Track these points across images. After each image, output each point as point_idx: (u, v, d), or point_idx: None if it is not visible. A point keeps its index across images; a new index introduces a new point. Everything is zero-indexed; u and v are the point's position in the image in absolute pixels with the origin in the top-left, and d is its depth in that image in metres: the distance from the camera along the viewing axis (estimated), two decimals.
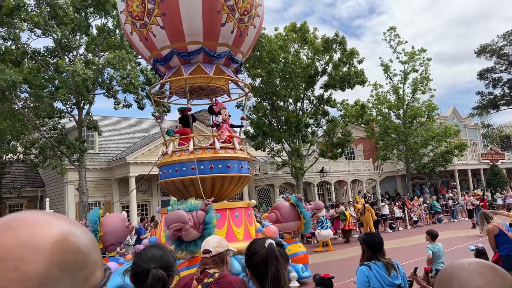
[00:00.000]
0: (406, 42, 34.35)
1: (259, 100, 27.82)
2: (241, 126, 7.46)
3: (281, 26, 30.62)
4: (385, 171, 39.65)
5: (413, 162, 35.00)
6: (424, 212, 27.46)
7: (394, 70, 34.97)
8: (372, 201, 29.76)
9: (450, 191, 32.91)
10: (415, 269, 9.13)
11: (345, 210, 24.00)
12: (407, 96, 34.83)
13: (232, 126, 7.03)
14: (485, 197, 21.27)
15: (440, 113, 38.56)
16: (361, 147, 41.08)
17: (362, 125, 33.95)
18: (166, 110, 23.45)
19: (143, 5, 6.08)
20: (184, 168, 6.27)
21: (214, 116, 6.82)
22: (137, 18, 6.24)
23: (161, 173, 6.69)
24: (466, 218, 28.46)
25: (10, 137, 22.84)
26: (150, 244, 3.50)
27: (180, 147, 6.53)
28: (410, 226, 26.04)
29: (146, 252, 2.53)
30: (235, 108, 29.01)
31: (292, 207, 6.46)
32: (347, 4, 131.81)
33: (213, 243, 3.54)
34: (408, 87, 34.82)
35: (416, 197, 29.06)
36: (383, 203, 27.00)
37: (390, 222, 25.83)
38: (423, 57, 33.93)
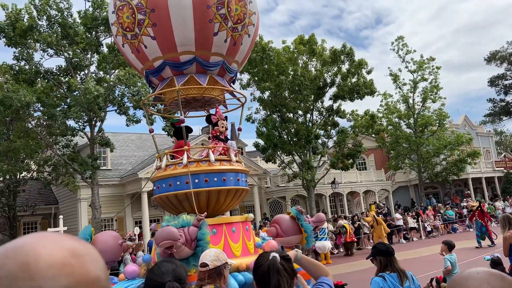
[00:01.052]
0: (415, 51, 33.84)
1: (268, 113, 27.57)
2: (238, 134, 7.09)
3: (288, 39, 30.59)
4: (397, 181, 38.91)
5: (425, 171, 34.27)
6: (439, 222, 26.79)
7: (403, 79, 34.47)
8: (385, 212, 29.13)
9: (465, 199, 32.08)
10: (431, 280, 8.71)
11: (359, 221, 23.49)
12: (417, 105, 34.23)
13: (227, 139, 6.71)
14: (484, 208, 20.23)
15: (452, 121, 37.87)
16: (373, 157, 40.44)
17: (373, 135, 33.44)
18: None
19: (133, 16, 5.86)
20: (178, 183, 5.96)
21: (211, 126, 6.56)
22: (128, 29, 6.02)
23: (155, 188, 6.39)
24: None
25: (24, 156, 22.89)
26: (164, 259, 3.32)
27: (173, 160, 6.25)
28: (424, 236, 25.38)
29: (159, 267, 2.54)
30: (245, 122, 28.73)
31: (292, 220, 6.08)
32: (354, 15, 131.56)
33: (211, 256, 3.40)
34: (418, 96, 34.24)
35: (430, 207, 28.39)
36: (397, 214, 26.38)
37: (404, 232, 25.20)
38: (432, 66, 33.39)
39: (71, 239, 0.89)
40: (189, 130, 6.77)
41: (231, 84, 6.87)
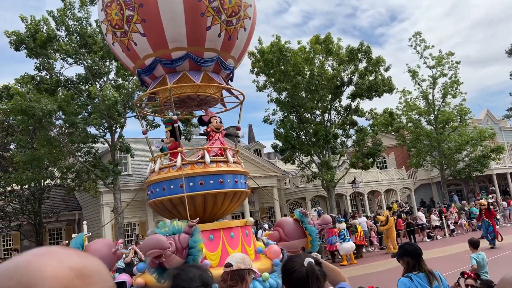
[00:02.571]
0: (433, 46, 32.72)
1: (286, 114, 27.05)
2: (236, 136, 6.64)
3: (302, 40, 29.44)
4: (419, 178, 37.73)
5: (448, 168, 33.10)
6: (464, 220, 25.77)
7: (422, 75, 33.38)
8: (408, 210, 28.22)
9: (490, 196, 30.81)
10: (459, 278, 8.22)
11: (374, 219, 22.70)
12: (437, 101, 33.09)
13: (226, 135, 6.26)
14: (491, 207, 18.93)
15: (473, 117, 36.51)
16: (393, 156, 39.35)
17: (393, 133, 32.54)
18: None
19: (122, 12, 5.48)
20: (172, 186, 5.54)
21: (205, 126, 6.11)
22: (116, 26, 5.65)
23: (149, 192, 5.99)
24: (509, 224, 26.55)
25: (48, 163, 22.99)
26: (189, 265, 3.26)
27: (167, 163, 5.83)
28: (448, 234, 24.42)
29: (186, 273, 2.48)
30: (263, 123, 28.34)
31: (296, 223, 5.58)
32: (368, 13, 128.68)
33: (237, 258, 3.26)
34: (437, 92, 33.12)
35: (453, 205, 27.35)
36: (419, 212, 25.50)
37: (428, 231, 24.32)
38: (452, 61, 32.24)
39: (79, 256, 0.86)
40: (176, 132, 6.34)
41: (228, 81, 6.43)
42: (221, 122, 6.02)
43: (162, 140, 6.47)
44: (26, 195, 24.27)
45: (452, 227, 24.91)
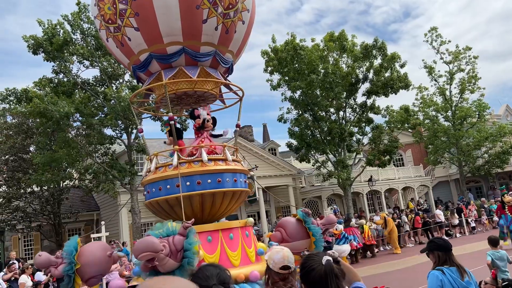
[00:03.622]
0: (449, 41, 31.79)
1: (300, 112, 26.63)
2: (220, 135, 6.34)
3: (316, 38, 28.63)
4: (437, 176, 36.75)
5: (466, 165, 32.16)
6: (484, 217, 25.00)
7: (439, 71, 32.48)
8: (426, 208, 27.54)
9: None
10: (480, 282, 7.95)
11: (399, 218, 22.13)
12: (454, 97, 32.18)
13: (212, 135, 5.96)
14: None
15: (492, 112, 35.41)
16: (410, 153, 38.44)
17: (409, 130, 31.79)
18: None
19: (115, 6, 5.23)
20: (168, 186, 5.27)
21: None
22: (110, 21, 5.41)
23: (145, 193, 5.73)
24: None
25: (66, 165, 23.09)
26: (207, 264, 3.19)
27: (163, 162, 5.57)
28: (468, 232, 23.69)
29: (203, 271, 2.46)
30: (277, 122, 27.97)
31: (299, 223, 5.27)
32: (381, 10, 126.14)
33: (291, 258, 3.17)
34: (455, 87, 32.20)
35: (471, 202, 26.56)
36: (437, 210, 24.82)
37: (447, 229, 23.65)
38: (469, 56, 31.28)
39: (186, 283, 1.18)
40: (179, 131, 6.10)
41: (227, 76, 6.13)
42: (199, 123, 5.72)
43: (164, 142, 6.24)
44: (46, 196, 24.45)
45: (473, 224, 24.17)
